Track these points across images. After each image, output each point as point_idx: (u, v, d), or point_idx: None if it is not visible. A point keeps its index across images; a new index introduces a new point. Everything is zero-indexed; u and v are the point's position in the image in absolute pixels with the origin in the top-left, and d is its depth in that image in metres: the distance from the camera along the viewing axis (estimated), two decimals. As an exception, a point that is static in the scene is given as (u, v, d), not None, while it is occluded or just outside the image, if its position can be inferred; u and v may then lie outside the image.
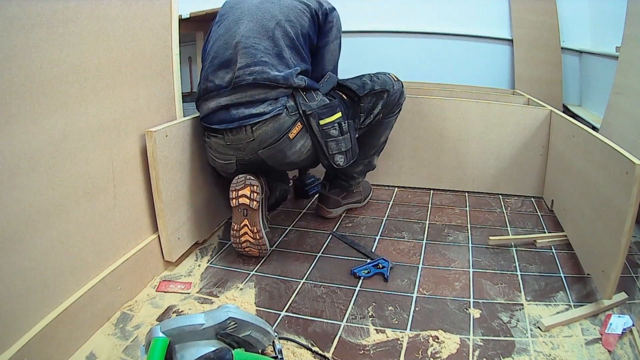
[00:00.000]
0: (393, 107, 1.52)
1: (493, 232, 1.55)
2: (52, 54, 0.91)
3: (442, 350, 0.99)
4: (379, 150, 1.62)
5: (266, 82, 1.23)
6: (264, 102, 1.24)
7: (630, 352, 0.96)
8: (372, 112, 1.45)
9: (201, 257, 1.42)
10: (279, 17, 1.28)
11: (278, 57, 1.25)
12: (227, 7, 1.38)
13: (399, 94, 1.52)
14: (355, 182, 1.66)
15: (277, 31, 1.27)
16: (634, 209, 0.99)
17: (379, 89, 1.45)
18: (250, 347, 0.90)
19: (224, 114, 1.27)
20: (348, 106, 1.40)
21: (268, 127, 1.25)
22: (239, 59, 1.25)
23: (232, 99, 1.25)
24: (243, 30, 1.27)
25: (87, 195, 1.03)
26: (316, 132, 1.29)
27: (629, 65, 1.64)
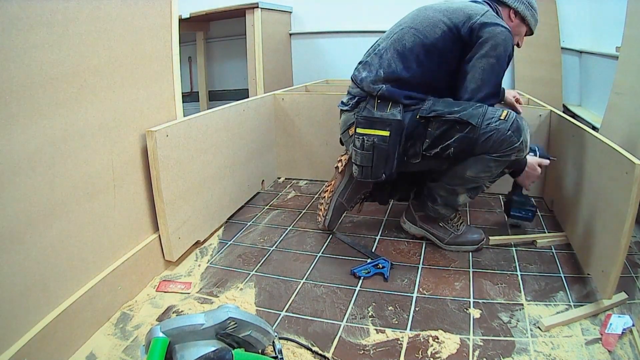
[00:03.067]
0: (489, 149, 1.23)
1: (493, 232, 1.55)
2: (52, 54, 0.91)
3: (442, 350, 0.99)
4: (465, 186, 1.34)
5: (353, 78, 1.42)
6: (348, 95, 1.43)
7: (630, 352, 0.96)
8: (439, 142, 1.26)
9: (201, 257, 1.42)
10: (407, 24, 1.35)
11: (379, 57, 1.35)
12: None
13: (501, 139, 1.21)
14: (434, 208, 1.41)
15: (396, 35, 1.35)
16: (634, 209, 0.99)
17: (454, 118, 1.23)
18: (250, 347, 0.90)
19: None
20: (414, 127, 1.29)
21: (342, 117, 1.46)
22: (366, 52, 1.45)
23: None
24: (388, 31, 1.43)
25: (87, 195, 1.03)
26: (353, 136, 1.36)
27: (629, 65, 1.63)
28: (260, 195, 1.96)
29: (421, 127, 1.28)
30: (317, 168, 2.11)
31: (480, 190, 1.37)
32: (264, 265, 1.37)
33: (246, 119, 1.79)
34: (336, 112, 1.99)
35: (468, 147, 1.25)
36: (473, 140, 1.24)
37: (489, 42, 1.23)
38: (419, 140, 1.30)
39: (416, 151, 1.31)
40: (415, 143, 1.30)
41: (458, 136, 1.25)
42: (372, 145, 1.29)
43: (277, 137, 2.10)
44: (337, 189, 1.54)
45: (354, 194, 1.55)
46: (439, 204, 1.40)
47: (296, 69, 3.23)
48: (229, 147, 1.65)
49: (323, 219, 1.56)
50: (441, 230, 1.45)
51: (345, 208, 1.57)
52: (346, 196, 1.54)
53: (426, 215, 1.46)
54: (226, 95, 3.41)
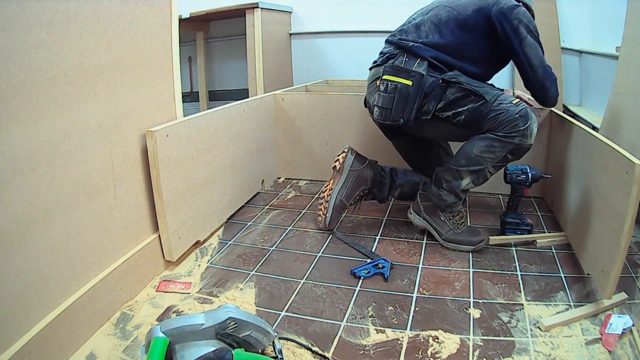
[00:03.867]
0: (495, 127, 1.30)
1: (493, 232, 1.55)
2: (52, 54, 0.91)
3: (442, 350, 0.99)
4: (469, 167, 1.37)
5: (388, 40, 1.53)
6: (381, 54, 1.53)
7: (630, 352, 0.96)
8: (453, 106, 1.35)
9: (201, 257, 1.42)
10: (441, 3, 1.48)
11: (417, 28, 1.47)
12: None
13: (508, 119, 1.27)
14: (439, 194, 1.45)
15: (432, 11, 1.47)
16: (634, 209, 0.99)
17: (471, 89, 1.33)
18: (250, 347, 0.90)
19: None
20: (434, 87, 1.38)
21: (371, 72, 1.54)
22: (400, 25, 1.56)
23: None
24: (422, 9, 1.54)
25: (87, 195, 1.03)
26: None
27: (629, 65, 1.63)
28: (260, 195, 1.96)
29: (439, 89, 1.38)
30: (317, 168, 2.11)
31: (483, 176, 1.39)
32: (264, 265, 1.37)
33: (246, 119, 1.79)
34: (336, 112, 2.01)
35: (477, 118, 1.33)
36: (483, 113, 1.32)
37: (524, 23, 1.36)
38: (434, 99, 1.38)
39: (429, 108, 1.39)
40: (430, 101, 1.38)
41: (470, 106, 1.34)
42: (394, 88, 1.39)
43: (277, 137, 2.10)
44: (335, 187, 1.56)
45: (352, 191, 1.56)
46: (444, 189, 1.45)
47: (296, 69, 3.23)
48: (229, 147, 1.65)
49: (323, 217, 1.56)
50: (440, 224, 1.48)
51: (345, 206, 1.58)
52: (345, 194, 1.56)
53: (433, 205, 1.49)
54: (226, 95, 3.40)
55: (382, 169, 1.62)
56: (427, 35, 1.43)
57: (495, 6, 1.36)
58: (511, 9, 1.35)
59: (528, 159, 1.82)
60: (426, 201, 1.51)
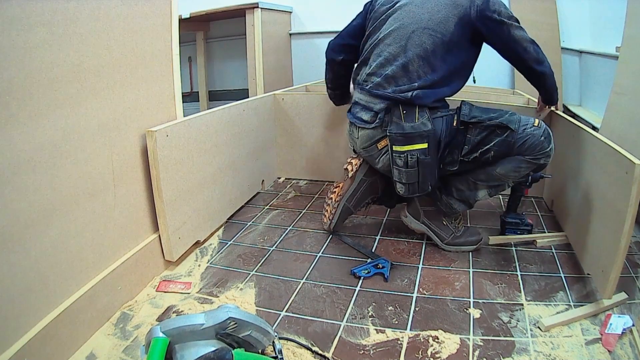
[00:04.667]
0: (523, 151, 1.27)
1: (493, 232, 1.55)
2: (52, 54, 0.91)
3: (442, 350, 0.99)
4: (489, 183, 1.35)
5: (376, 94, 1.33)
6: (370, 112, 1.35)
7: (630, 352, 0.96)
8: (479, 147, 1.28)
9: (201, 257, 1.42)
10: (417, 25, 1.29)
11: (403, 68, 1.30)
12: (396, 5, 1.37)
13: (536, 143, 1.25)
14: (448, 202, 1.42)
15: (411, 41, 1.29)
16: (634, 209, 0.99)
17: (494, 124, 1.26)
18: (250, 347, 0.90)
19: (353, 107, 1.45)
20: (452, 134, 1.29)
21: (363, 133, 1.39)
22: (371, 60, 1.38)
23: (359, 97, 1.41)
24: (385, 31, 1.35)
25: (87, 195, 1.03)
26: (389, 153, 1.32)
27: (629, 65, 1.63)
28: (260, 195, 1.96)
29: (460, 135, 1.30)
30: (317, 168, 2.11)
31: (501, 189, 1.38)
32: (264, 265, 1.37)
33: (246, 119, 1.79)
34: (336, 111, 2.00)
35: (507, 150, 1.28)
36: (511, 143, 1.27)
37: (504, 13, 1.28)
38: (458, 147, 1.30)
39: (454, 158, 1.31)
40: (453, 150, 1.31)
41: (498, 140, 1.27)
42: (416, 161, 1.27)
43: (277, 137, 2.10)
44: (345, 193, 1.52)
45: (361, 199, 1.54)
46: (454, 197, 1.41)
47: (296, 69, 3.23)
48: (229, 147, 1.65)
49: (329, 222, 1.55)
50: (443, 229, 1.45)
51: (352, 212, 1.56)
52: (354, 202, 1.53)
53: (434, 209, 1.46)
54: (226, 95, 3.40)
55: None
56: (418, 75, 1.29)
57: (472, 8, 1.27)
58: (486, 3, 1.27)
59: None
60: (427, 206, 1.47)
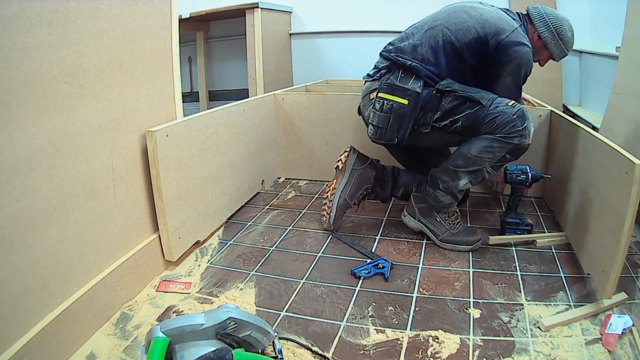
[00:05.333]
0: (493, 129, 1.30)
1: (493, 232, 1.55)
2: (52, 54, 0.91)
3: (442, 350, 0.99)
4: (467, 168, 1.37)
5: (383, 54, 1.49)
6: (375, 68, 1.50)
7: (630, 352, 0.96)
8: (449, 115, 1.35)
9: (201, 257, 1.42)
10: (442, 22, 1.44)
11: (413, 47, 1.44)
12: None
13: (506, 121, 1.29)
14: (435, 195, 1.45)
15: (431, 30, 1.44)
16: (634, 209, 0.99)
17: (467, 96, 1.33)
18: (250, 347, 0.90)
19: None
20: (429, 98, 1.37)
21: (365, 85, 1.52)
22: (398, 36, 1.53)
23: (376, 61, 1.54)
24: (422, 19, 1.52)
25: (87, 195, 1.03)
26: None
27: (629, 65, 1.63)
28: (260, 195, 1.96)
29: (435, 100, 1.38)
30: (317, 168, 2.11)
31: (481, 176, 1.39)
32: (264, 265, 1.37)
33: (246, 119, 1.78)
34: (336, 112, 2.01)
35: (475, 123, 1.34)
36: (480, 118, 1.32)
37: (516, 62, 1.36)
38: (431, 111, 1.38)
39: (427, 120, 1.39)
40: (427, 113, 1.38)
41: (467, 112, 1.34)
42: (390, 108, 1.39)
43: (277, 137, 2.10)
44: (339, 186, 1.56)
45: (355, 190, 1.56)
46: (440, 189, 1.44)
47: (296, 69, 3.23)
48: (229, 147, 1.65)
49: (328, 217, 1.56)
50: (437, 226, 1.47)
51: (349, 205, 1.57)
52: (349, 193, 1.55)
53: (428, 207, 1.48)
54: (226, 95, 3.40)
55: (384, 168, 1.62)
56: (422, 58, 1.40)
57: (495, 37, 1.35)
58: (510, 44, 1.34)
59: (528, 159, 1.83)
60: (421, 203, 1.50)
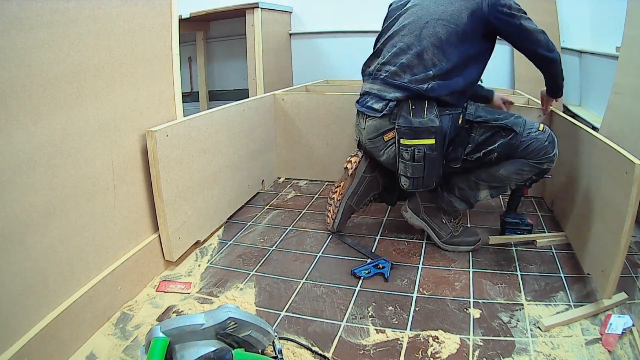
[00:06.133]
0: (526, 155, 1.27)
1: (493, 232, 1.55)
2: (52, 54, 0.91)
3: (442, 350, 0.99)
4: (491, 183, 1.35)
5: (392, 82, 1.32)
6: (383, 100, 1.33)
7: (630, 352, 0.96)
8: (483, 147, 1.29)
9: (201, 257, 1.42)
10: (432, 17, 1.31)
11: (418, 56, 1.30)
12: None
13: (540, 147, 1.26)
14: (449, 200, 1.42)
15: (426, 30, 1.30)
16: (634, 209, 0.99)
17: (499, 125, 1.27)
18: (250, 347, 0.90)
19: (363, 97, 1.42)
20: (457, 132, 1.30)
21: (370, 123, 1.37)
22: (385, 51, 1.38)
23: (371, 87, 1.39)
24: (400, 25, 1.36)
25: (87, 195, 1.03)
26: (396, 147, 1.33)
27: (629, 65, 1.63)
28: (260, 195, 1.96)
29: (464, 132, 1.31)
30: (317, 168, 2.11)
31: (502, 191, 1.39)
32: (264, 265, 1.37)
33: (246, 119, 1.79)
34: (336, 111, 2.00)
35: (510, 152, 1.29)
36: (515, 146, 1.27)
37: (512, 9, 1.28)
38: (461, 145, 1.31)
39: (457, 155, 1.32)
40: (457, 148, 1.31)
41: (502, 141, 1.28)
42: (422, 155, 1.28)
43: (277, 137, 2.10)
44: (346, 191, 1.53)
45: (363, 196, 1.54)
46: (455, 195, 1.41)
47: (296, 69, 3.23)
48: (229, 147, 1.65)
49: (332, 221, 1.55)
50: (442, 227, 1.45)
51: (354, 210, 1.56)
52: (355, 199, 1.53)
53: (435, 206, 1.46)
54: (226, 95, 3.40)
55: (394, 175, 1.55)
56: (433, 63, 1.29)
57: (484, 2, 1.28)
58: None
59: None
60: (428, 202, 1.48)
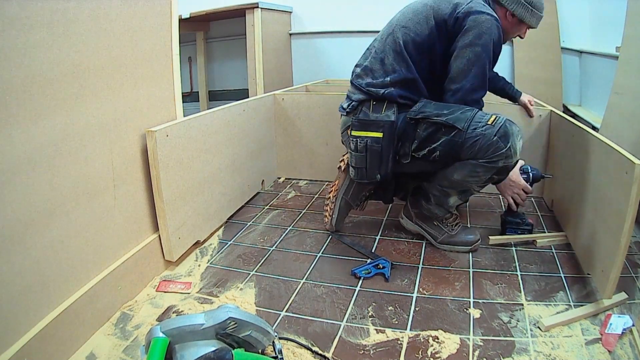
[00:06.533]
0: (475, 154, 1.23)
1: (493, 232, 1.55)
2: (52, 54, 0.91)
3: (442, 350, 0.99)
4: (454, 189, 1.35)
5: (355, 84, 1.41)
6: (349, 100, 1.43)
7: (630, 352, 0.96)
8: (426, 144, 1.28)
9: (201, 257, 1.42)
10: (397, 23, 1.36)
11: (381, 62, 1.36)
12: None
13: (487, 145, 1.20)
14: (428, 207, 1.43)
15: (390, 36, 1.36)
16: (634, 209, 0.99)
17: (440, 121, 1.24)
18: (250, 347, 0.90)
19: (345, 98, 1.49)
20: (405, 127, 1.30)
21: (342, 119, 1.48)
22: (361, 56, 1.47)
23: (349, 88, 1.48)
24: (381, 30, 1.43)
25: (87, 195, 1.03)
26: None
27: (629, 65, 1.64)
28: (260, 195, 1.96)
29: (410, 128, 1.31)
30: (317, 168, 2.11)
31: (470, 194, 1.41)
32: (264, 265, 1.37)
33: (246, 119, 1.79)
34: (336, 112, 1.98)
35: (454, 150, 1.26)
36: (459, 144, 1.24)
37: (473, 31, 1.21)
38: (408, 141, 1.32)
39: (406, 151, 1.34)
40: (405, 143, 1.33)
41: (444, 139, 1.26)
42: (364, 147, 1.33)
43: (277, 137, 2.10)
44: (341, 187, 1.55)
45: (358, 191, 1.55)
46: (432, 203, 1.43)
47: (296, 69, 3.23)
48: (229, 147, 1.65)
49: (330, 218, 1.56)
50: (435, 229, 1.46)
51: (351, 206, 1.57)
52: (351, 194, 1.55)
53: (423, 212, 1.47)
54: (226, 95, 3.41)
55: None
56: (393, 69, 1.31)
57: (453, 14, 1.25)
58: (468, 14, 1.23)
59: (529, 160, 1.83)
60: (416, 208, 1.49)
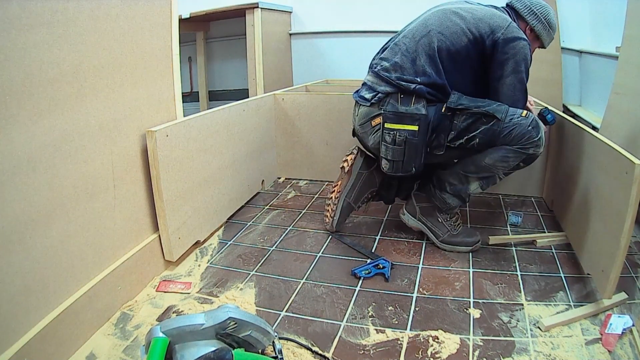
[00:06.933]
0: (509, 141, 1.29)
1: (493, 232, 1.55)
2: (52, 54, 0.91)
3: (442, 350, 0.99)
4: (479, 174, 1.37)
5: (383, 76, 1.39)
6: (373, 92, 1.40)
7: (630, 352, 0.96)
8: (465, 134, 1.31)
9: (201, 257, 1.42)
10: (434, 27, 1.37)
11: (412, 61, 1.36)
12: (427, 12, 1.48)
13: (522, 133, 1.27)
14: (442, 197, 1.44)
15: (425, 39, 1.36)
16: (634, 209, 0.99)
17: (481, 111, 1.29)
18: (250, 347, 0.90)
19: (361, 88, 1.48)
20: (440, 119, 1.32)
21: (361, 110, 1.44)
22: (389, 48, 1.44)
23: (368, 79, 1.46)
24: (409, 27, 1.44)
25: (87, 195, 1.03)
26: (381, 130, 1.39)
27: (629, 65, 1.63)
28: (260, 195, 1.96)
29: (447, 120, 1.33)
30: (317, 168, 2.11)
31: (492, 182, 1.39)
32: (264, 265, 1.37)
33: (246, 119, 1.79)
34: (336, 112, 2.00)
35: (492, 138, 1.30)
36: (497, 132, 1.29)
37: (514, 59, 1.30)
38: (444, 132, 1.34)
39: (440, 142, 1.35)
40: (440, 135, 1.34)
41: (483, 128, 1.30)
42: (404, 140, 1.33)
43: (277, 137, 2.10)
44: (344, 189, 1.54)
45: (360, 193, 1.55)
46: (447, 192, 1.43)
47: (296, 69, 3.23)
48: (229, 147, 1.65)
49: (331, 220, 1.55)
50: (439, 227, 1.46)
51: (353, 208, 1.57)
52: (353, 196, 1.54)
53: (431, 206, 1.47)
54: (226, 95, 3.41)
55: None
56: (424, 71, 1.33)
57: (491, 36, 1.30)
58: (507, 41, 1.30)
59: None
60: (423, 202, 1.49)
